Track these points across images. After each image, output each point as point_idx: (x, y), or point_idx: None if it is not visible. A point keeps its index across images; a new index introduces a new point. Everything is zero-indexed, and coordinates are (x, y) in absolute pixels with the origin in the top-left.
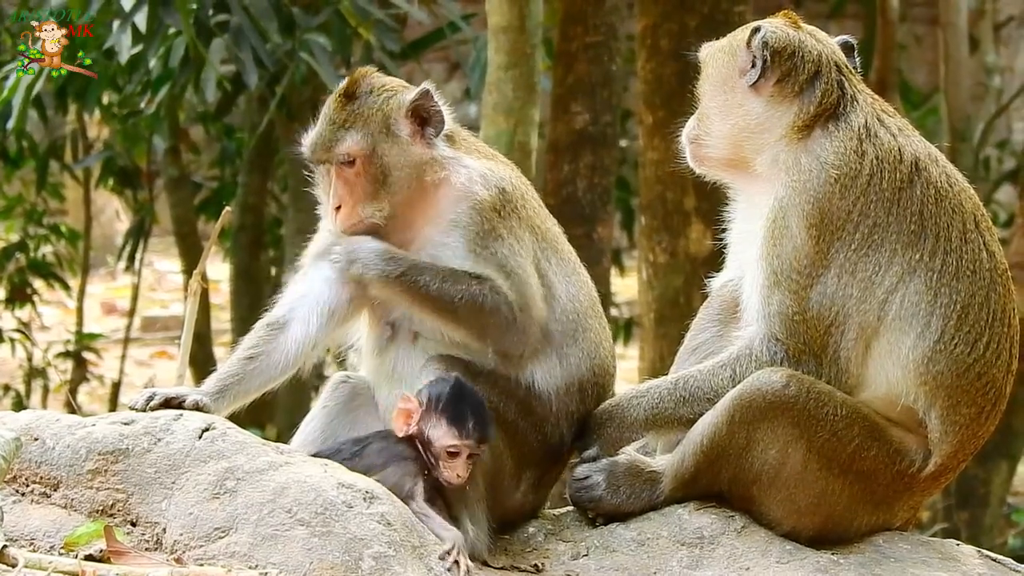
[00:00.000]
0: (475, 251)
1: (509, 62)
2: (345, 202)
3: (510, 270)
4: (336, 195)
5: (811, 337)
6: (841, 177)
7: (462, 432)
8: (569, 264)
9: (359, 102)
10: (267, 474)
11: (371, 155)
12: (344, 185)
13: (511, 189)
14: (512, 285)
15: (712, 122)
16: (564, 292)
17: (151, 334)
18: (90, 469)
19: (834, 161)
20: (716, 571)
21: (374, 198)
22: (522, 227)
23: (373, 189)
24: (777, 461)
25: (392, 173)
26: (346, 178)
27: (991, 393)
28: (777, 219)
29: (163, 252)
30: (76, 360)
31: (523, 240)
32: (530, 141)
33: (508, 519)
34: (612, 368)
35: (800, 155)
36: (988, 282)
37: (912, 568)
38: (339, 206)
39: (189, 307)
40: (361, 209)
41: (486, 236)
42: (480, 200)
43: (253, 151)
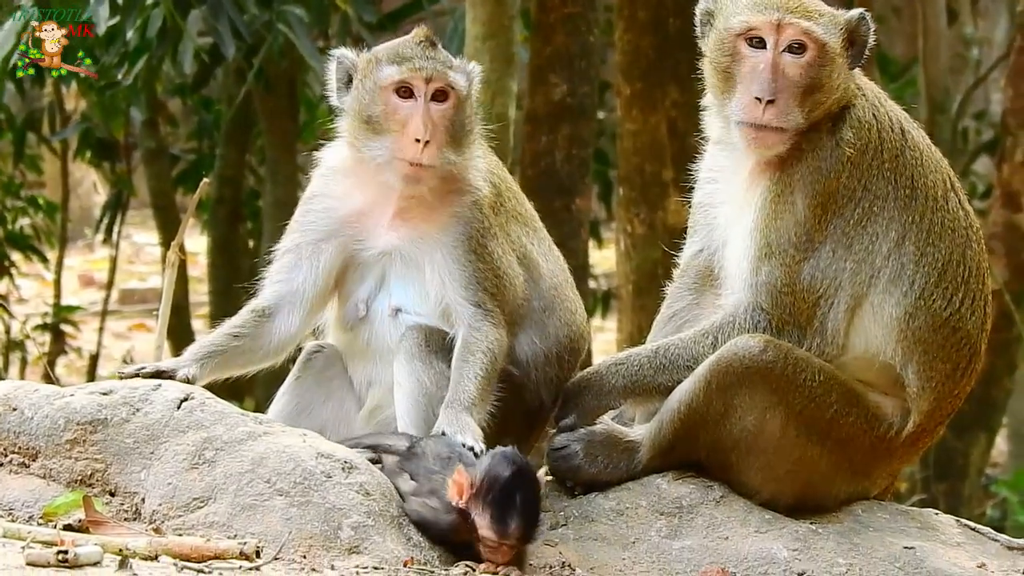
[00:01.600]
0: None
1: (486, 33)
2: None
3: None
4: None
5: (798, 309)
6: (853, 155)
7: (505, 531)
8: (546, 241)
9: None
10: (246, 444)
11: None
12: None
13: (499, 183)
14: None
15: (830, 94)
16: (546, 270)
17: (129, 306)
18: (69, 439)
19: (851, 138)
20: (695, 540)
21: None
22: (509, 220)
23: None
24: (755, 428)
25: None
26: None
27: (966, 349)
28: (783, 192)
29: (141, 224)
30: (54, 332)
31: (510, 234)
32: (508, 112)
33: None
34: (587, 335)
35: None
36: (965, 239)
37: (891, 537)
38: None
39: (167, 279)
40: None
41: (484, 234)
42: (482, 197)
43: (231, 123)
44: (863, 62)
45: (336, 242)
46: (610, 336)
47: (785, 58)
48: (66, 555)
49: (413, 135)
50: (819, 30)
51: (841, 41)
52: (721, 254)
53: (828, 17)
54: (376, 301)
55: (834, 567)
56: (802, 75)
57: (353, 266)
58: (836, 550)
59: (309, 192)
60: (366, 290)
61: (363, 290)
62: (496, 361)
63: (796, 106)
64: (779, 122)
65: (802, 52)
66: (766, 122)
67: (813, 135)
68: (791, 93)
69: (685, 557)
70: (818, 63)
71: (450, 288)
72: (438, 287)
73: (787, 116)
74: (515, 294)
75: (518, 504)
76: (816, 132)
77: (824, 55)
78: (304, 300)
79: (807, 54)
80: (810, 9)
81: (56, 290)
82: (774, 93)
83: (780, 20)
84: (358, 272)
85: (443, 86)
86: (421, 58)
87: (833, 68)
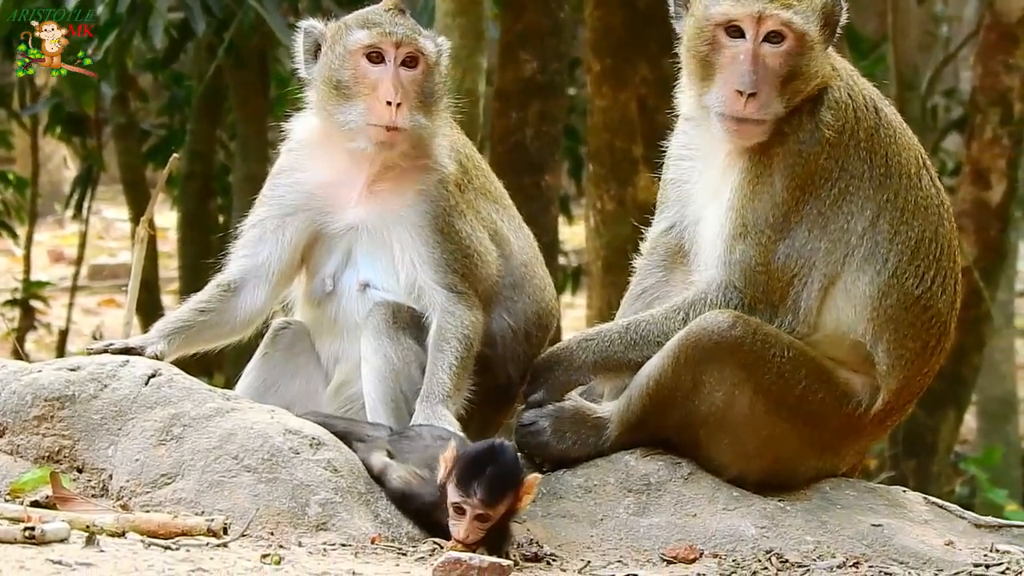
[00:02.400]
0: (441, 229)
1: (456, 9)
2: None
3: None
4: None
5: (771, 288)
6: (832, 136)
7: (468, 490)
8: (516, 219)
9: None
10: (213, 420)
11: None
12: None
13: (466, 161)
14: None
15: (808, 81)
16: (516, 247)
17: (99, 282)
18: (36, 415)
19: (829, 120)
20: (663, 518)
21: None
22: (477, 197)
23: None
24: (723, 404)
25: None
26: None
27: (936, 327)
28: (762, 174)
29: (111, 200)
30: (23, 308)
31: (480, 210)
32: (477, 89)
33: None
34: (556, 311)
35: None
36: (937, 217)
37: (859, 515)
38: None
39: (137, 255)
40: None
41: (450, 212)
42: (448, 174)
43: (201, 99)
44: (830, 43)
45: (303, 216)
46: (580, 312)
47: (765, 48)
48: (33, 531)
49: (384, 98)
50: (799, 20)
51: (819, 26)
52: (694, 231)
53: (807, 3)
54: (343, 276)
55: (802, 544)
56: (782, 65)
57: (321, 240)
58: (804, 527)
59: (277, 166)
60: (333, 265)
61: (330, 265)
62: (472, 347)
63: (776, 97)
64: (760, 115)
65: (781, 42)
66: (747, 115)
67: (793, 117)
68: (771, 85)
69: (653, 534)
70: (797, 52)
71: (420, 271)
72: (408, 269)
73: (768, 108)
74: (488, 272)
75: (487, 473)
76: (796, 114)
77: (803, 44)
78: (270, 274)
79: (786, 43)
80: (793, 2)
81: (26, 265)
82: (755, 86)
83: (761, 12)
84: (325, 246)
85: (412, 51)
86: (390, 23)
87: (812, 55)
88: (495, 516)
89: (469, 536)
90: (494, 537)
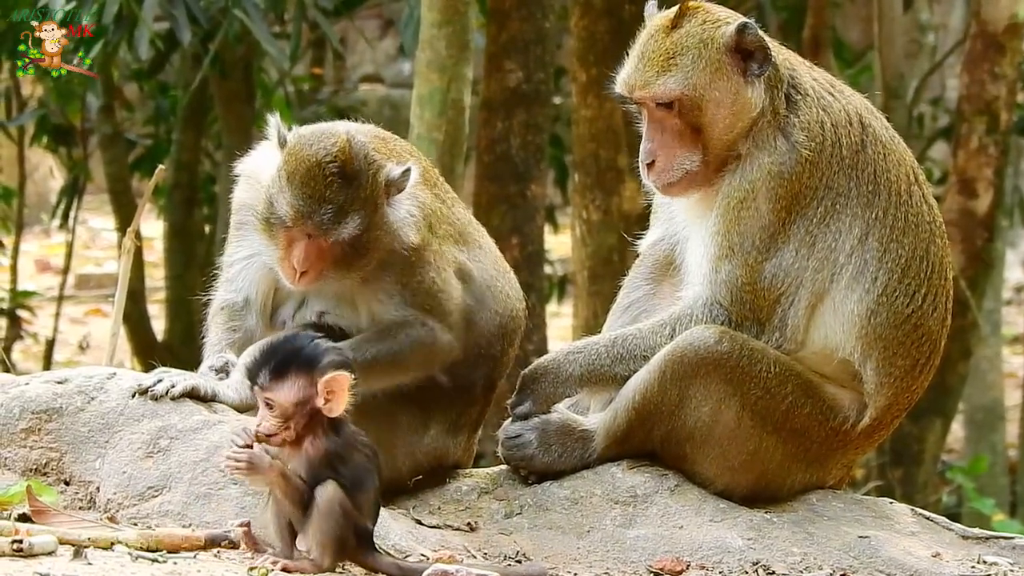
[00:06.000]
0: (402, 282)
1: (442, 19)
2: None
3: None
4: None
5: (757, 306)
6: (810, 156)
7: (252, 377)
8: (476, 244)
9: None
10: (200, 433)
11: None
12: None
13: (432, 218)
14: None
15: (715, 127)
16: (476, 272)
17: (85, 292)
18: (24, 428)
19: (804, 140)
20: (650, 529)
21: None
22: (443, 244)
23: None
24: (710, 418)
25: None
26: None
27: (926, 345)
28: (746, 198)
29: (97, 210)
30: (10, 318)
31: (445, 255)
32: (463, 98)
33: (431, 466)
34: (520, 312)
35: (775, 136)
36: (929, 235)
37: (846, 527)
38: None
39: (123, 265)
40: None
41: (414, 267)
42: (411, 243)
43: (187, 109)
44: (767, 68)
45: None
46: (566, 321)
47: (660, 113)
48: (21, 544)
49: (292, 262)
50: (672, 84)
51: (718, 68)
52: (683, 248)
53: (691, 56)
54: (297, 315)
55: (789, 556)
56: (676, 126)
57: (281, 289)
58: (791, 539)
59: (237, 200)
60: (290, 308)
61: (287, 309)
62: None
63: (682, 155)
64: (664, 179)
65: (669, 105)
66: (653, 182)
67: (762, 140)
68: (668, 150)
69: (640, 546)
70: (691, 108)
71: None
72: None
73: (670, 171)
74: (455, 305)
75: (272, 359)
76: (765, 141)
77: (694, 99)
78: (255, 304)
79: (672, 106)
80: (666, 65)
81: (12, 275)
82: (651, 155)
83: (631, 91)
84: (284, 292)
85: (325, 239)
86: (312, 209)
87: (717, 101)
88: (285, 404)
89: (261, 424)
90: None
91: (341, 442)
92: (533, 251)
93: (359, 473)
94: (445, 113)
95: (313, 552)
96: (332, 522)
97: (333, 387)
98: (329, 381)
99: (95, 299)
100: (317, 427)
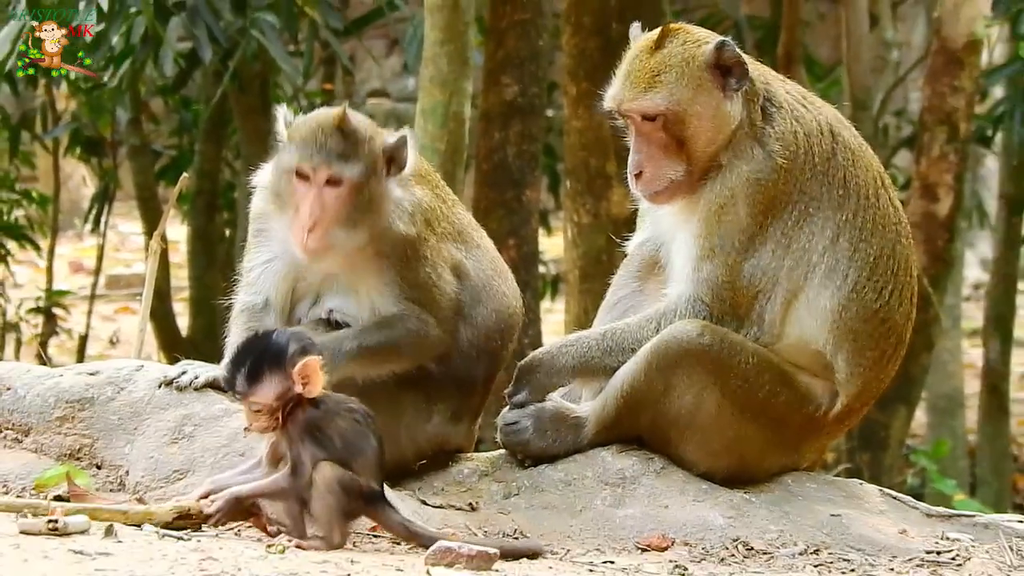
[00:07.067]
0: (401, 274)
1: (444, 38)
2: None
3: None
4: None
5: (737, 302)
6: (785, 164)
7: (229, 384)
8: (474, 243)
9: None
10: (222, 420)
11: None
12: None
13: (432, 216)
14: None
15: (698, 139)
16: (473, 271)
17: (115, 291)
18: (58, 416)
19: (779, 150)
20: (638, 509)
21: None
22: (441, 241)
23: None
24: (692, 406)
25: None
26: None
27: (892, 337)
28: (726, 204)
29: (126, 215)
30: (46, 315)
31: (442, 252)
32: (464, 111)
33: (433, 451)
34: (517, 310)
35: (752, 146)
36: (895, 235)
37: (819, 506)
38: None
39: (150, 266)
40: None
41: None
42: (409, 236)
43: (208, 121)
44: (745, 83)
45: (285, 260)
46: (559, 317)
47: (646, 127)
48: (56, 524)
49: (301, 220)
50: (658, 100)
51: (699, 84)
52: (667, 248)
53: (674, 73)
54: (310, 313)
55: (766, 533)
56: (662, 139)
57: (300, 282)
58: (768, 517)
59: (254, 210)
60: (305, 306)
61: (303, 306)
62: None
63: (668, 165)
64: (651, 188)
65: (655, 119)
66: (641, 192)
67: (741, 150)
68: (654, 161)
69: (628, 524)
70: (675, 122)
71: (379, 306)
72: (369, 306)
73: (656, 181)
74: (447, 301)
75: (246, 363)
76: (744, 150)
77: (678, 113)
78: (274, 304)
79: (658, 120)
80: (652, 82)
81: (48, 276)
82: (639, 166)
83: (619, 110)
84: (301, 290)
85: (331, 175)
86: (318, 147)
87: (699, 115)
88: (267, 403)
89: (252, 423)
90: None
91: (319, 414)
92: (528, 252)
93: (349, 438)
94: (447, 125)
95: (322, 531)
96: (332, 499)
97: (306, 372)
98: (301, 369)
99: (124, 298)
100: (299, 408)
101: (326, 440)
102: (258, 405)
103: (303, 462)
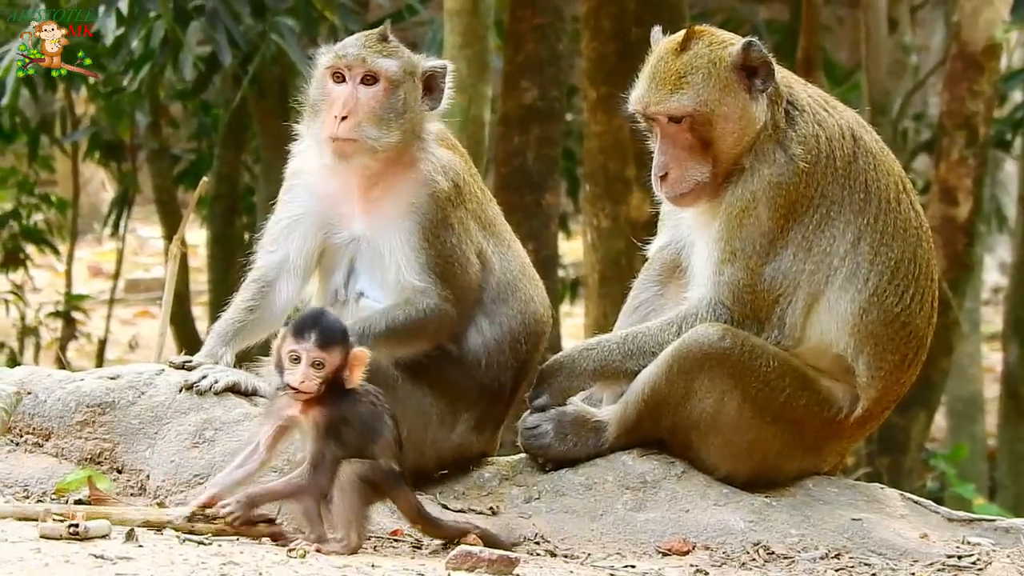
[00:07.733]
0: (428, 239)
1: (463, 42)
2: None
3: (454, 260)
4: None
5: (757, 306)
6: (807, 167)
7: (299, 337)
8: (504, 240)
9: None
10: (242, 424)
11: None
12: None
13: (462, 184)
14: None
15: (725, 140)
16: (499, 266)
17: (134, 295)
18: (79, 420)
19: (801, 153)
20: (658, 513)
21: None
22: (469, 217)
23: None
24: (714, 409)
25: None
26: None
27: (913, 342)
28: (747, 207)
29: (145, 219)
30: (66, 319)
31: (469, 230)
32: (483, 115)
33: (455, 460)
34: (545, 317)
35: (775, 149)
36: (916, 239)
37: (840, 510)
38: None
39: (169, 270)
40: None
41: (439, 225)
42: (439, 190)
43: (227, 126)
44: (770, 83)
45: (315, 218)
46: (578, 320)
47: (672, 129)
48: (77, 528)
49: (334, 111)
50: (685, 101)
51: (726, 85)
52: (688, 252)
53: (701, 75)
54: (349, 286)
55: (787, 537)
56: (687, 141)
57: (328, 250)
58: (789, 521)
59: (290, 168)
60: (341, 276)
61: (338, 275)
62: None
63: (693, 167)
64: (676, 191)
65: (681, 120)
66: (666, 194)
67: (763, 153)
68: (679, 163)
69: (649, 528)
70: (701, 123)
71: (404, 271)
72: (395, 272)
73: (681, 184)
74: (468, 281)
75: (319, 323)
76: (767, 154)
77: (705, 114)
78: (296, 268)
79: (684, 122)
80: (678, 83)
81: (67, 280)
82: (663, 168)
83: (645, 112)
84: (332, 257)
85: (366, 72)
86: (354, 47)
87: (726, 116)
88: (328, 365)
89: (304, 381)
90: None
91: (346, 407)
92: (547, 256)
93: (367, 422)
94: (466, 128)
95: (340, 532)
96: (357, 499)
97: (357, 360)
98: (356, 354)
99: (144, 302)
100: (328, 394)
101: (350, 435)
102: (324, 364)
103: (325, 459)
